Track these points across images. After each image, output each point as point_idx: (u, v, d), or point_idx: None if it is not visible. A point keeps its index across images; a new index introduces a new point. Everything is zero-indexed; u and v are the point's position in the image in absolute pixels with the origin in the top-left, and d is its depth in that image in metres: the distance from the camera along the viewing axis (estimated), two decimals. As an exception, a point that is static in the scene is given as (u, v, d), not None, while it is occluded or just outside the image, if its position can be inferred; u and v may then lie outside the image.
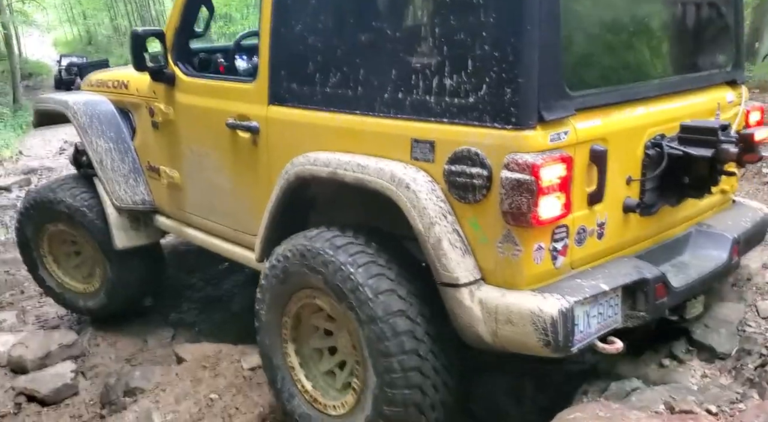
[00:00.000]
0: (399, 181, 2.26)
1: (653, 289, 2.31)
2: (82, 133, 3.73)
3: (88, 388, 3.60)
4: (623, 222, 2.42)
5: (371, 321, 2.28)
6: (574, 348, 2.12)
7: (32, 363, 3.75)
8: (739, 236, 2.75)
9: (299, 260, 2.50)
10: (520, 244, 2.12)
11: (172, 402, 3.11)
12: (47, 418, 3.39)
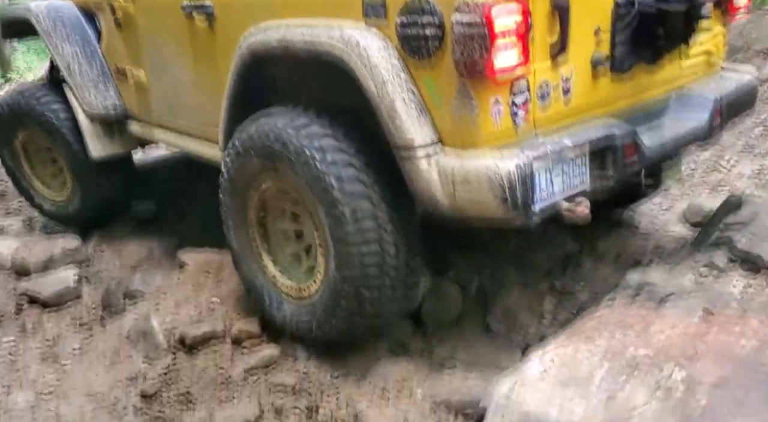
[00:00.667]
0: (348, 39, 2.15)
1: (622, 147, 2.19)
2: (47, 38, 3.60)
3: (91, 293, 3.49)
4: (592, 79, 2.28)
5: (332, 205, 2.23)
6: (535, 208, 2.03)
7: (35, 267, 3.64)
8: (721, 97, 2.58)
9: (261, 141, 2.41)
10: (475, 99, 2.01)
11: (172, 306, 2.98)
12: (48, 319, 3.29)
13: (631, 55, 2.35)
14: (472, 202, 2.07)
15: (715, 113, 2.55)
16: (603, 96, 2.35)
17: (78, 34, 3.64)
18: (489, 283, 3.22)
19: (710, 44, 2.74)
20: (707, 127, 2.52)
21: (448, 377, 2.35)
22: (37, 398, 2.61)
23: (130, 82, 3.51)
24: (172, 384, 2.54)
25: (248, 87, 2.64)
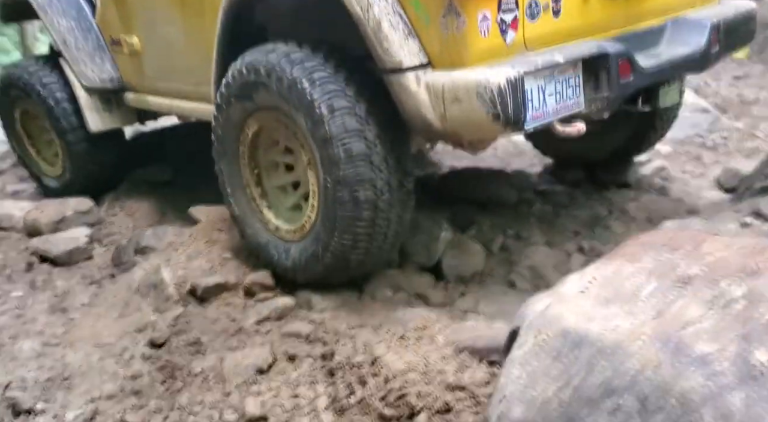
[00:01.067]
0: None
1: (616, 65, 2.14)
2: (42, 13, 3.63)
3: (102, 254, 3.42)
4: (582, 1, 2.27)
5: (325, 141, 2.20)
6: (528, 124, 2.03)
7: (46, 227, 3.58)
8: (718, 22, 2.53)
9: (253, 75, 2.37)
10: (463, 14, 2.00)
11: (183, 260, 2.88)
12: (58, 277, 3.22)
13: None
14: (464, 120, 2.06)
15: (713, 38, 2.50)
16: (595, 20, 2.33)
17: (73, 9, 3.66)
18: (513, 243, 3.08)
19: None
20: (705, 52, 2.48)
21: (472, 324, 2.21)
22: (43, 347, 2.52)
23: (125, 51, 3.49)
24: (182, 333, 2.43)
25: (238, 35, 2.59)
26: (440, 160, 4.08)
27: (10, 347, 2.53)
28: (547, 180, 3.78)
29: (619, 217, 3.39)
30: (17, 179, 4.51)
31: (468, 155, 4.12)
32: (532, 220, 3.34)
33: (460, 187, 3.37)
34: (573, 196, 3.62)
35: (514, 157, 4.24)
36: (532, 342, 1.32)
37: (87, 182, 3.88)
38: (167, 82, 3.32)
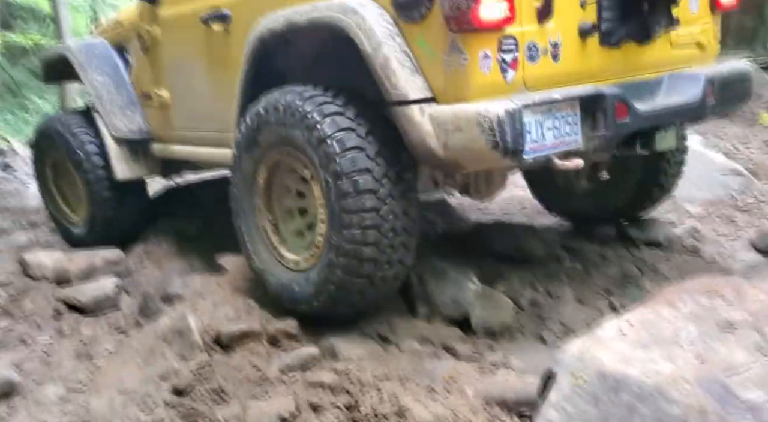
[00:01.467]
0: (347, 8, 2.32)
1: (612, 106, 2.27)
2: (81, 70, 3.90)
3: (129, 304, 3.43)
4: (581, 48, 2.44)
5: (336, 176, 2.32)
6: (527, 155, 2.14)
7: (76, 276, 3.63)
8: (713, 77, 2.68)
9: (271, 113, 2.53)
10: (465, 52, 2.16)
11: (209, 307, 2.87)
12: (85, 325, 3.22)
13: (620, 29, 2.51)
14: (465, 149, 2.18)
15: (708, 90, 2.63)
16: (594, 67, 2.49)
17: (109, 66, 3.93)
18: (543, 298, 3.03)
19: (701, 34, 2.87)
20: (700, 102, 2.60)
21: (503, 377, 2.15)
22: (68, 392, 2.51)
23: (154, 103, 3.72)
24: (206, 381, 2.39)
25: (259, 78, 2.77)
26: (467, 214, 4.08)
27: (35, 392, 2.53)
28: (576, 237, 3.74)
29: (651, 277, 3.32)
30: (50, 231, 4.60)
31: (495, 210, 4.12)
32: (562, 277, 3.28)
33: (488, 240, 3.35)
34: (603, 254, 3.57)
35: (542, 213, 4.22)
36: (568, 385, 1.27)
37: (108, 230, 3.98)
38: (192, 130, 3.50)
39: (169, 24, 3.52)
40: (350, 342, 2.53)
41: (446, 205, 4.15)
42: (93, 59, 3.93)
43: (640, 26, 2.56)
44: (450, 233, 3.72)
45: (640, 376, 1.22)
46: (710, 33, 2.92)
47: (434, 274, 2.87)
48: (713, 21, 2.92)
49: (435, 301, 2.75)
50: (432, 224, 3.89)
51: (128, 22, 3.91)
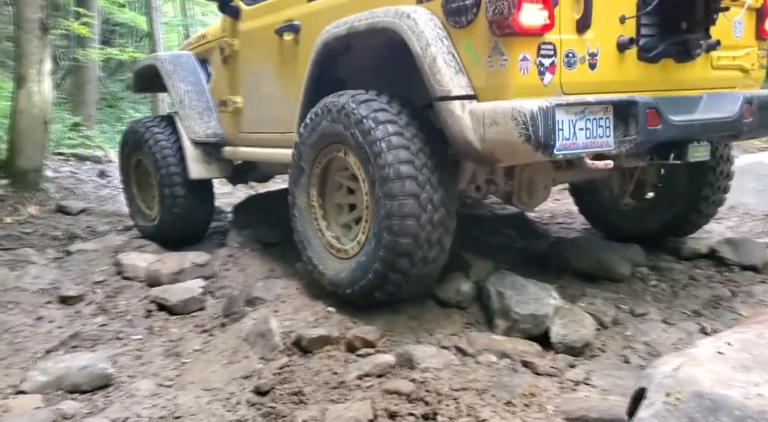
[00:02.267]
0: (401, 13, 2.56)
1: (644, 113, 2.40)
2: (167, 78, 4.30)
3: (214, 305, 3.57)
4: (619, 59, 2.57)
5: (381, 167, 2.54)
6: (557, 151, 2.28)
7: (166, 278, 3.81)
8: (751, 97, 2.77)
9: (327, 114, 2.79)
10: (506, 54, 2.34)
11: (290, 311, 2.96)
12: (173, 325, 3.38)
13: (659, 46, 2.62)
14: (500, 141, 2.33)
15: (745, 108, 2.73)
16: (631, 78, 2.62)
17: (192, 76, 4.31)
18: (627, 317, 2.93)
19: (744, 59, 2.98)
20: (736, 119, 2.70)
21: (585, 395, 2.09)
22: (157, 387, 2.62)
23: (229, 109, 4.05)
24: (286, 382, 2.45)
25: (322, 83, 3.04)
26: (547, 229, 4.00)
27: (128, 385, 2.66)
28: (663, 256, 3.60)
29: (745, 300, 3.16)
30: (144, 234, 4.86)
31: (576, 225, 4.03)
32: (647, 296, 3.17)
33: (571, 257, 3.28)
34: (692, 275, 3.42)
35: (626, 232, 4.09)
36: (661, 403, 1.23)
37: (175, 227, 4.37)
38: (258, 132, 3.80)
39: (247, 36, 3.83)
40: (427, 352, 2.53)
41: (525, 219, 4.10)
42: (178, 69, 4.30)
43: (679, 45, 2.68)
44: (529, 248, 3.67)
45: (741, 398, 1.16)
46: (754, 59, 3.02)
47: (513, 288, 2.84)
48: (759, 47, 3.04)
49: (514, 315, 2.71)
50: (510, 238, 3.84)
51: (212, 36, 4.24)
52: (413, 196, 2.51)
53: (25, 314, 3.45)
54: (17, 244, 4.85)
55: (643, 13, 2.56)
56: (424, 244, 2.57)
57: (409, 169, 2.52)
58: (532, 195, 3.15)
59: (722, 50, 2.86)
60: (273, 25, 3.47)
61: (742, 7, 2.83)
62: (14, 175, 6.00)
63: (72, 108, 12.55)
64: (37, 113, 6.01)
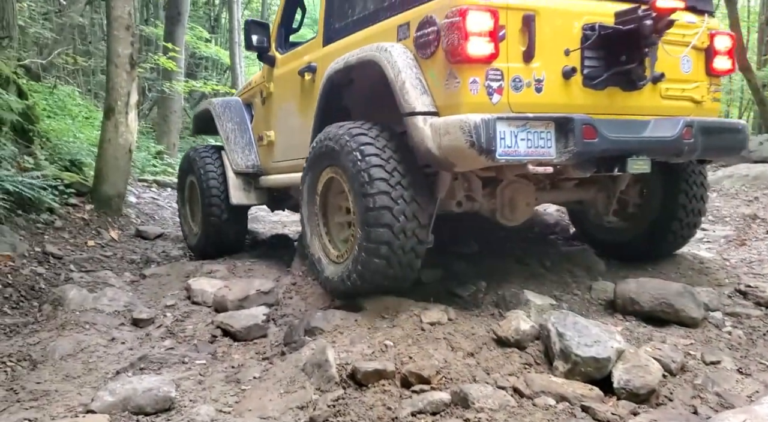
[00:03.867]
0: (381, 47, 3.16)
1: (580, 128, 2.84)
2: (218, 119, 5.09)
3: (276, 333, 3.64)
4: (564, 85, 3.02)
5: (362, 186, 3.05)
6: (499, 156, 2.75)
7: (231, 304, 3.93)
8: (692, 121, 3.15)
9: (327, 141, 3.32)
10: (458, 77, 2.86)
11: (347, 343, 2.98)
12: (236, 351, 3.47)
13: (603, 75, 3.05)
14: (452, 148, 2.81)
15: (685, 130, 3.11)
16: (577, 102, 3.04)
17: (238, 117, 5.09)
18: (696, 365, 2.79)
19: (695, 91, 3.36)
20: (675, 139, 3.09)
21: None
22: (216, 413, 2.69)
23: (264, 143, 4.75)
24: (340, 415, 2.47)
25: (330, 113, 3.57)
26: (615, 269, 3.87)
27: (189, 409, 2.74)
28: (740, 301, 3.40)
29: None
30: (214, 261, 5.04)
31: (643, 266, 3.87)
32: (721, 344, 3.00)
33: (638, 298, 3.16)
34: (770, 321, 3.21)
35: (701, 274, 3.89)
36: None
37: (210, 244, 5.11)
38: (286, 160, 4.38)
39: (279, 80, 4.55)
40: (483, 392, 2.49)
41: (592, 257, 3.98)
42: (227, 111, 5.09)
43: (623, 75, 3.08)
44: (595, 287, 3.55)
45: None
46: (704, 92, 3.38)
47: (575, 329, 2.75)
48: (711, 82, 3.41)
49: (574, 358, 2.63)
50: (574, 276, 3.74)
51: (255, 82, 5.01)
52: (387, 208, 3.00)
53: (99, 335, 3.63)
54: (98, 267, 5.13)
55: (584, 47, 3.00)
56: (398, 251, 3.04)
57: (385, 185, 3.01)
58: (514, 212, 3.50)
59: (671, 82, 3.26)
60: (297, 67, 4.13)
61: (687, 47, 3.23)
62: (99, 201, 6.37)
63: (157, 136, 13.28)
64: (123, 142, 6.39)
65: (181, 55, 12.66)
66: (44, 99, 9.17)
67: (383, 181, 3.00)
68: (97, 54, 13.69)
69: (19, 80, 6.89)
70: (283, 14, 4.69)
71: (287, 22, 4.73)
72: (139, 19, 16.32)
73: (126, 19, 6.32)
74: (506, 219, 3.53)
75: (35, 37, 11.42)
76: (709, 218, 5.14)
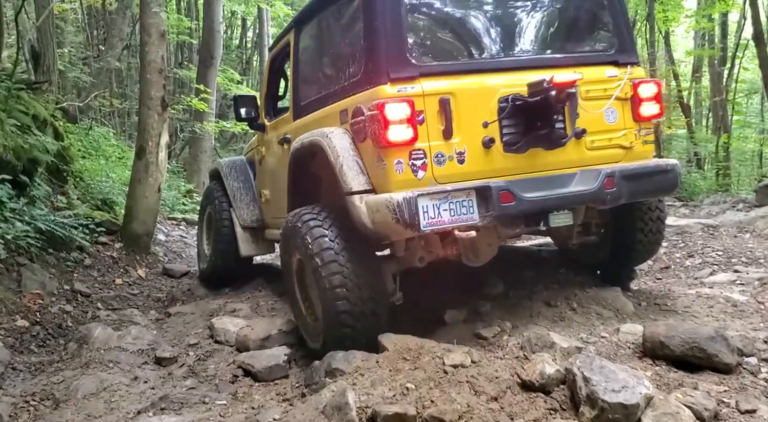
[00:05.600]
0: (324, 133, 3.51)
1: (497, 194, 3.09)
2: (225, 178, 5.55)
3: (297, 374, 3.62)
4: (486, 154, 3.29)
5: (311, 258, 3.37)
6: (424, 227, 3.01)
7: (253, 343, 3.93)
8: (613, 171, 3.35)
9: (288, 227, 3.63)
10: (384, 160, 3.16)
11: (368, 385, 2.93)
12: (256, 391, 3.45)
13: (522, 140, 3.33)
14: (382, 223, 3.11)
15: (606, 181, 3.31)
16: (500, 167, 3.31)
17: (243, 176, 5.51)
18: (731, 413, 2.67)
19: (623, 139, 3.57)
20: (596, 190, 3.30)
21: None
22: (234, 455, 2.65)
23: (263, 199, 5.17)
24: (359, 461, 2.41)
25: (301, 183, 3.97)
26: (644, 312, 3.77)
27: (206, 450, 2.72)
28: (777, 346, 3.27)
29: None
30: (238, 299, 5.06)
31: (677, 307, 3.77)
32: (757, 391, 2.87)
33: (668, 341, 3.06)
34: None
35: (734, 317, 3.77)
36: None
37: (216, 271, 5.58)
38: (279, 217, 4.57)
39: (268, 145, 5.00)
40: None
41: (620, 299, 3.89)
42: (233, 171, 5.54)
43: (542, 138, 3.33)
44: (623, 330, 3.46)
45: None
46: (632, 138, 3.58)
47: (602, 373, 2.66)
48: (640, 127, 3.60)
49: (601, 403, 2.53)
50: (604, 319, 3.65)
51: (255, 144, 5.46)
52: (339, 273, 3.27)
53: (122, 373, 3.65)
54: (124, 305, 5.19)
55: (501, 118, 3.27)
56: (355, 306, 3.28)
57: (331, 254, 3.29)
58: (477, 254, 3.75)
59: (597, 134, 3.48)
60: (279, 136, 4.57)
61: (609, 99, 3.49)
62: (128, 239, 6.48)
63: (187, 175, 13.55)
64: (152, 182, 6.53)
65: (212, 97, 12.99)
66: (79, 140, 9.46)
67: (334, 262, 3.27)
68: (133, 96, 14.15)
69: (57, 122, 7.12)
70: (268, 86, 5.18)
71: (273, 92, 5.21)
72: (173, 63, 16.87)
73: (159, 63, 6.54)
74: (471, 262, 3.75)
75: (74, 81, 11.88)
76: (743, 260, 5.00)
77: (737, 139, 13.98)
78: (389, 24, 3.26)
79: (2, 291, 4.42)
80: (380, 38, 3.27)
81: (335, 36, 3.93)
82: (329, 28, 4.02)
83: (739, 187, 13.09)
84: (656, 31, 13.32)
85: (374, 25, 3.30)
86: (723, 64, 14.77)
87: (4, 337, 4.03)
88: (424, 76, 3.23)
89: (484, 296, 4.08)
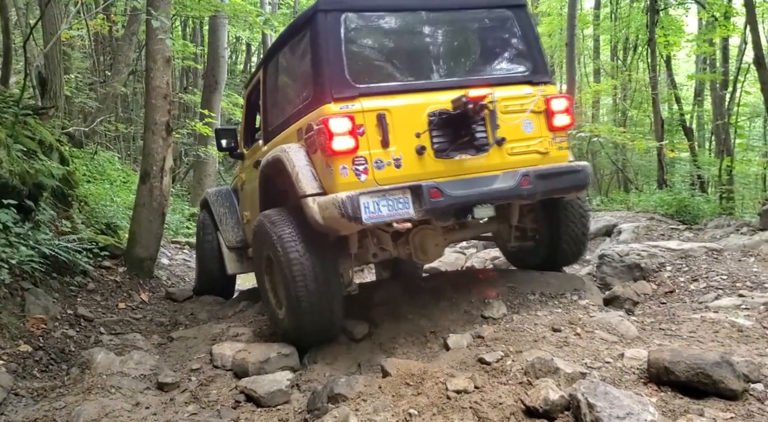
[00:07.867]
0: (282, 149, 4.10)
1: (428, 191, 3.65)
2: (212, 206, 6.12)
3: (300, 399, 3.60)
4: (419, 160, 3.87)
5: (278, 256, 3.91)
6: (366, 220, 3.55)
7: (253, 367, 3.90)
8: (528, 171, 3.95)
9: (258, 226, 4.19)
10: (331, 166, 3.73)
11: (370, 411, 2.92)
12: (258, 417, 3.43)
13: (450, 148, 3.92)
14: (331, 218, 3.62)
15: (523, 180, 3.90)
16: (432, 171, 3.88)
17: (228, 203, 6.08)
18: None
19: (539, 146, 4.17)
20: (514, 187, 3.89)
21: None
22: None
23: (245, 220, 5.63)
24: (360, 489, 2.39)
25: (270, 196, 4.50)
26: (648, 335, 3.74)
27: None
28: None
29: None
30: (240, 324, 5.04)
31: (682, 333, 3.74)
32: (764, 418, 2.83)
33: (673, 367, 3.03)
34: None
35: (740, 342, 3.73)
36: None
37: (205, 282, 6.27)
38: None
39: (246, 170, 5.59)
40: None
41: (624, 323, 3.87)
42: (219, 198, 6.13)
43: (467, 145, 3.93)
44: (627, 355, 3.43)
45: None
46: (548, 144, 4.18)
47: (606, 400, 2.65)
48: (555, 136, 4.20)
49: (605, 430, 2.51)
50: (608, 344, 3.62)
51: (238, 172, 6.05)
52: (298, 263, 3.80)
53: (124, 399, 3.62)
54: (127, 329, 5.17)
55: (430, 129, 3.86)
56: (313, 297, 3.80)
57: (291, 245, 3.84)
58: (426, 253, 4.38)
59: (516, 142, 4.08)
60: (253, 160, 5.11)
61: (525, 112, 4.08)
62: (132, 263, 6.49)
63: (191, 199, 13.60)
64: (156, 206, 6.55)
65: (217, 121, 13.09)
66: (85, 164, 9.52)
67: (295, 252, 3.80)
68: (138, 121, 14.27)
69: (62, 147, 7.18)
70: (246, 118, 5.83)
71: (250, 124, 5.84)
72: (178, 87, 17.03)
73: (163, 88, 6.61)
74: (421, 260, 4.44)
75: (80, 106, 12.00)
76: (747, 284, 4.96)
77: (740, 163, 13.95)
78: (332, 53, 3.87)
79: (6, 316, 4.42)
80: (324, 66, 3.86)
81: (293, 68, 4.56)
82: (288, 62, 4.66)
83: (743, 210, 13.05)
84: (657, 55, 13.40)
85: (319, 55, 3.90)
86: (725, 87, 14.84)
87: (6, 363, 4.01)
88: (363, 95, 3.82)
89: (486, 320, 4.06)
